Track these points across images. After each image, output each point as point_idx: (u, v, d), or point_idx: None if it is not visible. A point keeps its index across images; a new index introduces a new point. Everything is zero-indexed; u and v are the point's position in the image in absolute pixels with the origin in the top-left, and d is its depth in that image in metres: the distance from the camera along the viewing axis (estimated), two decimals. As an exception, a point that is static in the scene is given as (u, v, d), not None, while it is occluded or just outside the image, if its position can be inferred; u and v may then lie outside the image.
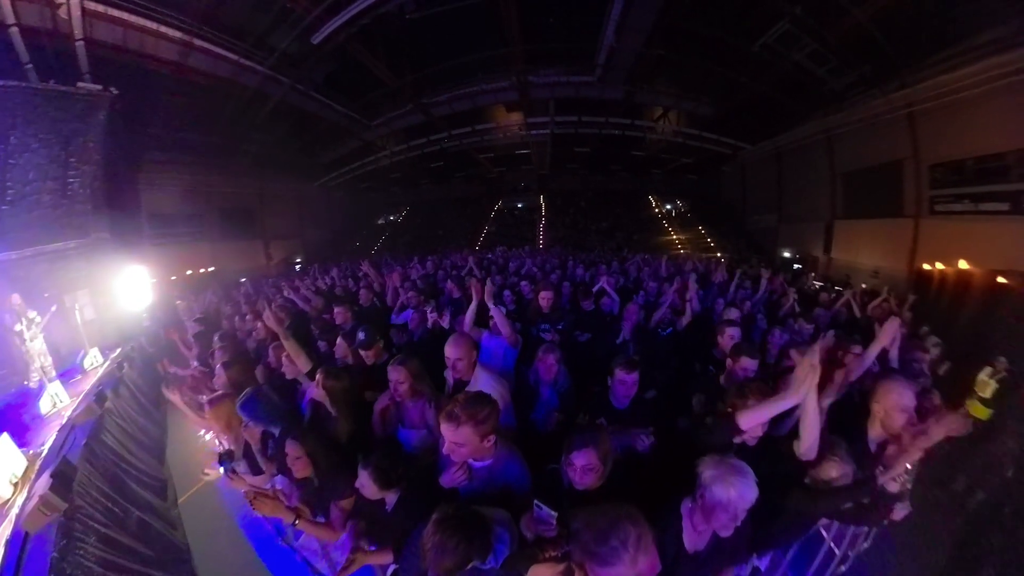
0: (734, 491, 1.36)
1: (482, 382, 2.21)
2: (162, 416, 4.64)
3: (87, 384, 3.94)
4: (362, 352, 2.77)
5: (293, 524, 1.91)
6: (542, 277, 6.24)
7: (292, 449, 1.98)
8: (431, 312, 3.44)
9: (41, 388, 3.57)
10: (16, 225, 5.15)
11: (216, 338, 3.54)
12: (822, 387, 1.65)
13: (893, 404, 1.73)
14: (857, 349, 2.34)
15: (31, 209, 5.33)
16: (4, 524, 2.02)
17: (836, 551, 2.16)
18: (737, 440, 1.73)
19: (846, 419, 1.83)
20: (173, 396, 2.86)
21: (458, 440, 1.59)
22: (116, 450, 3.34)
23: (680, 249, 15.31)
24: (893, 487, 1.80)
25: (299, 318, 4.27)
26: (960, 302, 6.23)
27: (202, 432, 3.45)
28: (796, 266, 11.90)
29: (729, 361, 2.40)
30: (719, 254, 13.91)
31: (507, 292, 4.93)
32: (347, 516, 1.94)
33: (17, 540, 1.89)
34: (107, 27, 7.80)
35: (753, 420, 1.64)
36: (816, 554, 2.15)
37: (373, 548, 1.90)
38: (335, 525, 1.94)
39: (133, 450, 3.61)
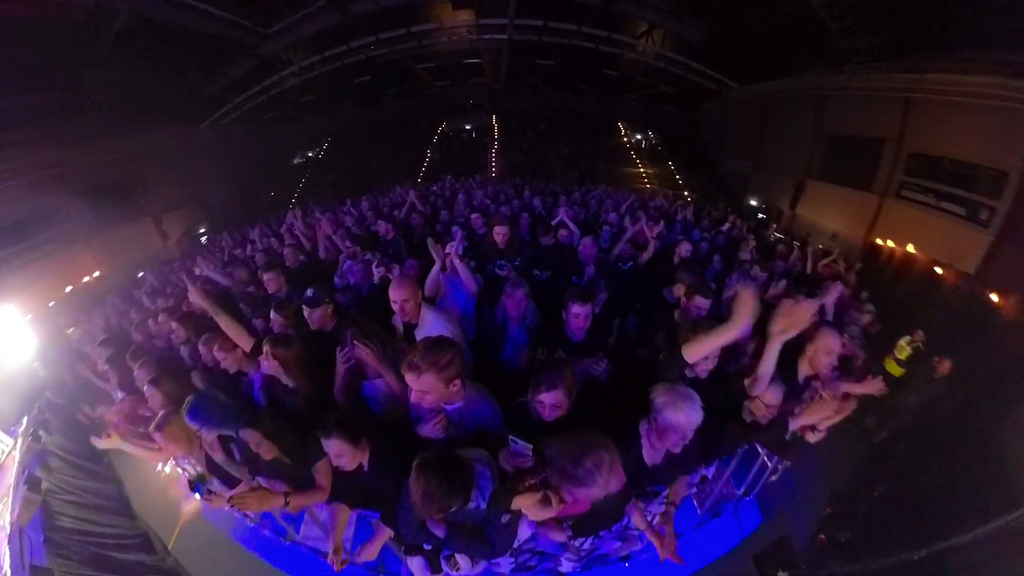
0: (683, 415, 1.74)
1: (430, 322, 2.36)
2: (109, 468, 4.42)
3: (9, 477, 3.57)
4: (308, 311, 2.69)
5: (286, 506, 2.05)
6: (495, 210, 6.34)
7: (250, 437, 2.06)
8: (377, 265, 3.38)
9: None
10: None
11: (129, 356, 3.25)
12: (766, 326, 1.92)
13: (823, 346, 2.30)
14: (800, 299, 2.97)
15: None
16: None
17: (768, 464, 2.89)
18: (690, 374, 2.16)
19: (783, 355, 2.22)
20: (107, 443, 2.68)
21: (423, 388, 1.74)
22: (80, 528, 3.27)
23: (646, 183, 15.87)
24: (812, 438, 2.33)
25: (223, 298, 4.02)
26: (899, 279, 7.98)
27: (159, 466, 3.33)
28: (760, 216, 13.28)
29: (684, 299, 2.79)
30: (686, 193, 14.82)
31: (456, 228, 4.98)
32: (328, 475, 2.09)
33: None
34: None
35: (698, 352, 2.01)
36: (753, 466, 2.88)
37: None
38: (321, 487, 2.11)
39: (97, 519, 3.54)
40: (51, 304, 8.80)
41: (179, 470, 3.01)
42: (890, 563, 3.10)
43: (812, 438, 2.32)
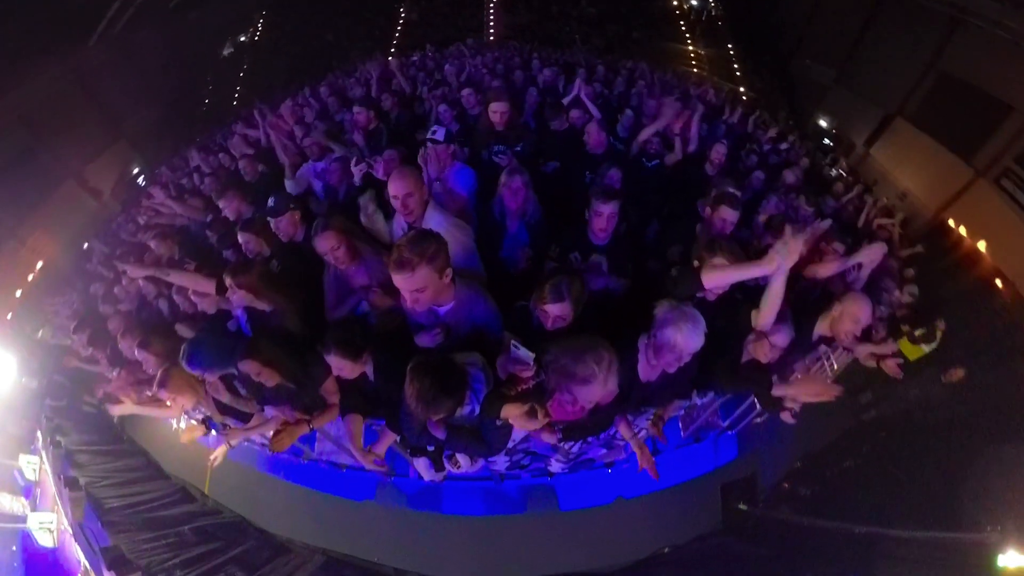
0: (681, 336, 2.01)
1: (434, 223, 2.43)
2: (131, 443, 5.66)
3: (50, 487, 4.58)
4: (274, 223, 3.02)
5: (311, 429, 2.67)
6: (492, 83, 6.38)
7: (249, 368, 2.39)
8: (356, 163, 3.51)
9: (24, 533, 4.31)
10: None
11: (111, 329, 3.80)
12: (795, 270, 2.15)
13: (851, 312, 2.52)
14: (838, 247, 3.21)
15: None
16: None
17: (757, 407, 3.41)
18: (698, 294, 2.47)
19: (805, 306, 2.70)
20: (122, 408, 3.37)
21: (417, 286, 1.92)
22: (126, 504, 4.37)
23: (695, 67, 15.24)
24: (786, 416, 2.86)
25: (188, 237, 4.52)
26: (952, 271, 8.22)
27: (174, 423, 4.15)
28: (827, 141, 13.29)
29: (708, 209, 2.98)
30: (742, 89, 14.46)
31: (443, 107, 5.10)
32: (337, 392, 2.63)
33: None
34: None
35: (717, 281, 2.34)
36: (742, 404, 3.53)
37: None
38: (333, 403, 2.68)
39: (137, 490, 4.69)
40: (9, 316, 9.74)
41: (192, 422, 3.79)
42: (832, 527, 4.13)
43: (786, 416, 2.86)
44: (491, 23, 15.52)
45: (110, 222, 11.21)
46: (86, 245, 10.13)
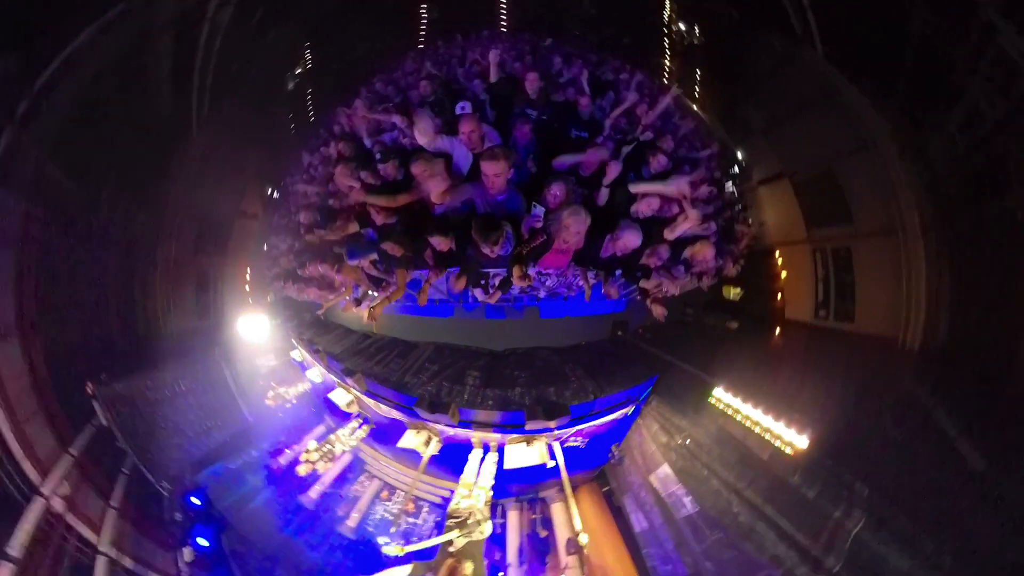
0: (631, 235, 2.83)
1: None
2: (332, 322, 7.19)
3: (308, 354, 6.62)
4: (382, 167, 3.52)
5: (428, 283, 3.32)
6: (511, 63, 5.91)
7: (388, 247, 3.14)
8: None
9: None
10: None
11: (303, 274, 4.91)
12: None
13: (702, 248, 3.49)
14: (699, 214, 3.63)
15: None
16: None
17: (637, 297, 4.09)
18: (634, 213, 3.23)
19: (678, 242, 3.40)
20: (323, 308, 5.28)
21: (496, 172, 2.56)
22: (341, 348, 5.98)
23: (664, 77, 13.06)
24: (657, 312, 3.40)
25: (320, 206, 5.20)
26: (768, 274, 9.04)
27: (343, 304, 5.17)
28: (736, 168, 13.74)
29: (651, 156, 3.40)
30: (695, 107, 13.44)
31: (476, 81, 5.03)
32: (433, 257, 3.20)
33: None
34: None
35: (636, 188, 3.11)
36: (629, 288, 4.50)
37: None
38: (430, 262, 3.26)
39: (343, 341, 6.25)
40: (245, 286, 11.93)
41: (349, 300, 4.85)
42: (666, 355, 5.39)
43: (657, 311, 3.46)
44: (503, 14, 14.66)
45: (272, 225, 12.77)
46: (264, 245, 12.21)
